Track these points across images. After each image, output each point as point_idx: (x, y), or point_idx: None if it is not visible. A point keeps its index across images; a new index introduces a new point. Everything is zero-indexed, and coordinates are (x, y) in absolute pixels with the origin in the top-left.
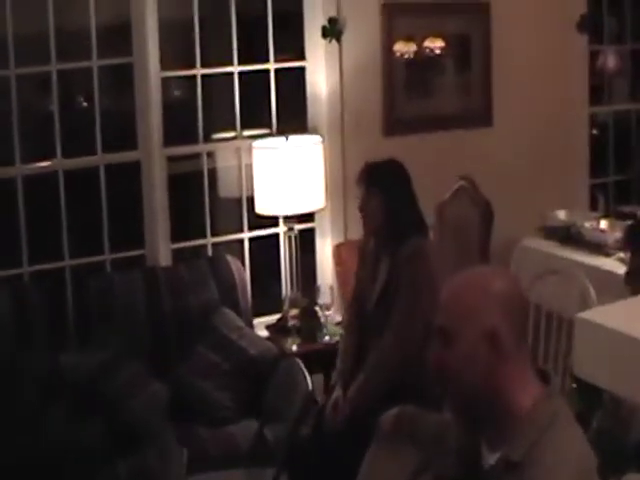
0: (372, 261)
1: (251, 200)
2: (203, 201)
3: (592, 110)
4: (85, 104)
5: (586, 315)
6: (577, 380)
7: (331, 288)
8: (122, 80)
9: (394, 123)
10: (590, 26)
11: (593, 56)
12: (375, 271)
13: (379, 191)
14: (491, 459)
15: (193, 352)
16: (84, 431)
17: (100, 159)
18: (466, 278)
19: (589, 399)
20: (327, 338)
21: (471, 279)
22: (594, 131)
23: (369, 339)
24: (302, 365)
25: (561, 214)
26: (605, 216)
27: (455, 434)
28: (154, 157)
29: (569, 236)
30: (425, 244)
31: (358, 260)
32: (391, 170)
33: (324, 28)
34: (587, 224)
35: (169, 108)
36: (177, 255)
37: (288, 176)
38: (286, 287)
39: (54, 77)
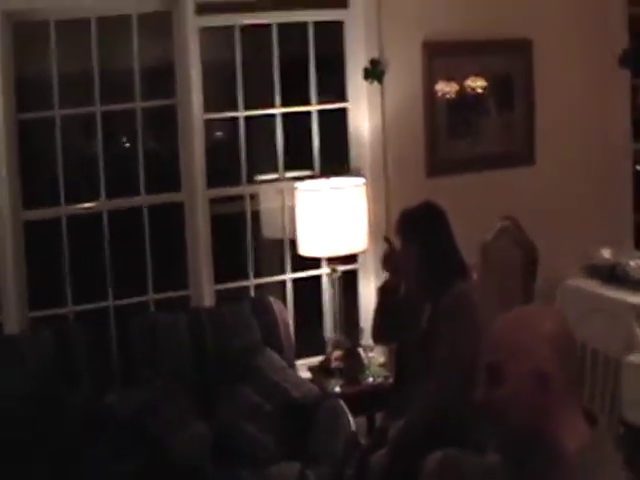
0: (412, 307)
1: (294, 242)
2: (246, 242)
3: (635, 146)
4: (129, 145)
5: (634, 359)
6: (625, 424)
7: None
8: (165, 122)
9: (437, 163)
10: (632, 61)
11: (635, 91)
12: (415, 317)
13: (416, 239)
14: None
15: (236, 393)
16: (126, 469)
17: (143, 200)
18: (515, 316)
19: (638, 443)
20: (370, 379)
21: (520, 318)
22: (637, 167)
23: (410, 381)
24: (345, 406)
25: (605, 252)
26: None
27: (500, 477)
28: (197, 199)
29: (614, 274)
30: (467, 291)
31: (382, 296)
32: (427, 216)
33: (366, 70)
34: (632, 262)
35: (212, 150)
36: (220, 296)
37: (331, 217)
38: (329, 328)
39: (98, 118)
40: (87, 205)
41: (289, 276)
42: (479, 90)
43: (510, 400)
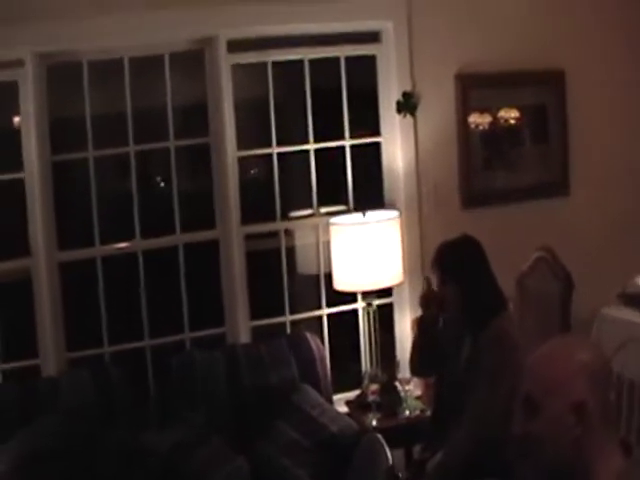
0: (451, 340)
1: (329, 276)
2: (281, 278)
3: None
4: (163, 184)
5: None
6: None
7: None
8: (200, 160)
9: (471, 195)
10: None
11: None
12: (454, 352)
13: (454, 275)
14: None
15: (274, 429)
16: None
17: (179, 239)
18: (552, 348)
19: None
20: (407, 412)
21: (557, 349)
22: None
23: (448, 415)
24: (383, 440)
25: None
26: None
27: None
28: (232, 235)
29: None
30: (506, 324)
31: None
32: (466, 250)
33: (398, 103)
34: None
35: (246, 187)
36: (256, 333)
37: (366, 251)
38: (365, 362)
39: (132, 158)
40: (122, 245)
41: (325, 311)
42: (512, 121)
43: (547, 432)
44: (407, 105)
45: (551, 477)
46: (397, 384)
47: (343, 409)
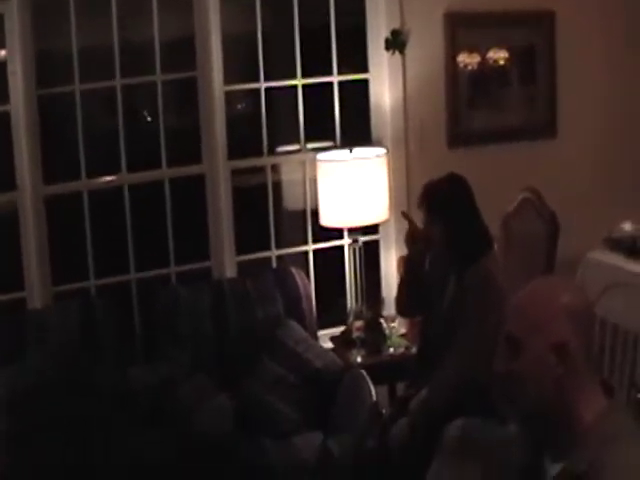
0: (437, 279)
1: (315, 212)
2: (267, 214)
3: None
4: (149, 119)
5: None
6: None
7: (395, 299)
8: (186, 94)
9: (458, 135)
10: None
11: None
12: (440, 291)
13: (441, 214)
14: (553, 471)
15: (259, 365)
16: (149, 443)
17: (165, 173)
18: (535, 289)
19: None
20: (391, 350)
21: (540, 290)
22: None
23: (433, 353)
24: (367, 377)
25: (627, 226)
26: None
27: (519, 446)
28: (219, 170)
29: (635, 248)
30: (491, 265)
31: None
32: (452, 189)
33: (387, 40)
34: None
35: (233, 122)
36: (242, 268)
37: (352, 188)
38: (351, 299)
39: (119, 92)
40: (108, 179)
41: (311, 247)
42: (501, 62)
43: (529, 371)
44: (396, 43)
45: (532, 417)
46: (382, 321)
47: (328, 345)
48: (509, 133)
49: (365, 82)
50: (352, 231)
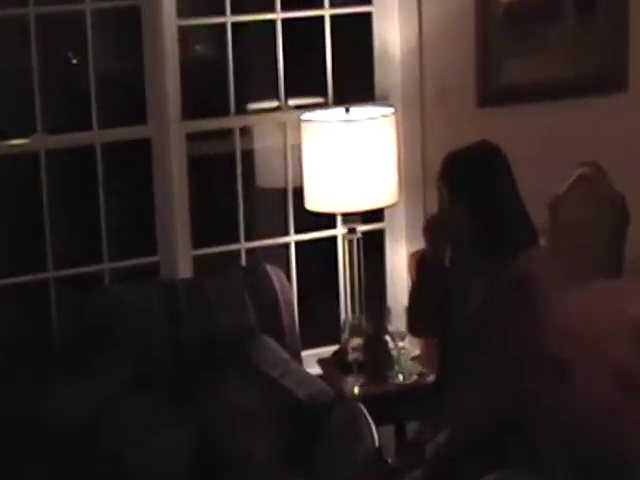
0: (458, 285)
1: (299, 192)
2: (235, 193)
3: None
4: (75, 61)
5: None
6: None
7: (405, 310)
8: (126, 30)
9: (492, 90)
10: None
11: None
12: (463, 299)
13: (468, 195)
14: None
15: (221, 392)
16: None
17: (96, 136)
18: (595, 297)
19: None
20: (400, 377)
21: (601, 299)
22: None
23: (457, 381)
24: (366, 413)
25: None
26: None
27: None
28: (169, 134)
29: None
30: (533, 265)
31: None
32: (483, 162)
33: None
34: None
35: (189, 69)
36: (200, 265)
37: (349, 160)
38: (346, 308)
39: (32, 23)
40: (18, 142)
41: (293, 238)
42: None
43: (581, 406)
44: None
45: (584, 466)
46: (387, 339)
47: (314, 370)
48: (561, 87)
49: (367, 17)
50: (348, 218)
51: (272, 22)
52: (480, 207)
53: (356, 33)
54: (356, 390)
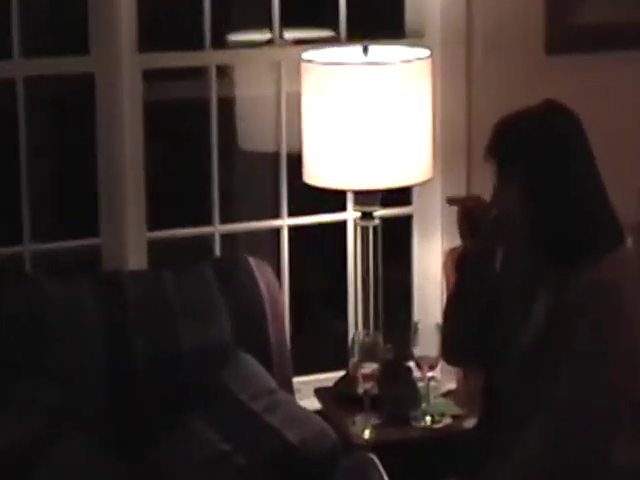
0: (513, 296)
1: (296, 159)
2: (209, 155)
3: None
4: None
5: None
6: None
7: (438, 328)
8: None
9: (565, 32)
10: None
11: None
12: (520, 314)
13: (528, 175)
14: None
15: (181, 429)
16: None
17: (17, 69)
18: None
19: None
20: (428, 419)
21: None
22: None
23: (509, 424)
24: (380, 466)
25: None
26: None
27: None
28: (120, 69)
29: None
30: (617, 272)
31: (457, 282)
32: (549, 133)
33: None
34: None
35: None
36: (158, 253)
37: (366, 119)
38: (355, 321)
39: None
40: None
41: (286, 222)
42: None
43: None
44: None
45: None
46: (412, 365)
47: (311, 403)
48: None
49: None
50: (363, 198)
51: None
52: (543, 192)
53: None
54: (367, 434)
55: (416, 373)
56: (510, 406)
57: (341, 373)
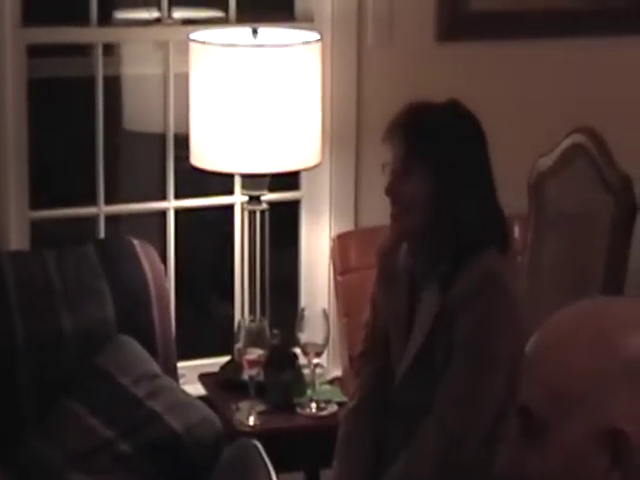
0: (406, 288)
1: (183, 141)
2: (94, 136)
3: None
4: None
5: None
6: None
7: (324, 314)
8: None
9: (458, 17)
10: None
11: None
12: (412, 307)
13: (428, 164)
14: None
15: (61, 415)
16: None
17: None
18: (578, 319)
19: None
20: (313, 406)
21: (587, 322)
22: None
23: (396, 423)
24: (264, 454)
25: None
26: None
27: None
28: (4, 44)
29: None
30: (501, 265)
31: (377, 278)
32: (452, 125)
33: None
34: None
35: None
36: (40, 233)
37: (254, 102)
38: (242, 305)
39: None
40: None
41: (172, 204)
42: None
43: (559, 469)
44: None
45: None
46: (298, 351)
47: (195, 389)
48: (553, 19)
49: None
50: (250, 182)
51: None
52: (439, 188)
53: None
54: (252, 421)
55: (302, 360)
56: (402, 395)
57: (226, 359)
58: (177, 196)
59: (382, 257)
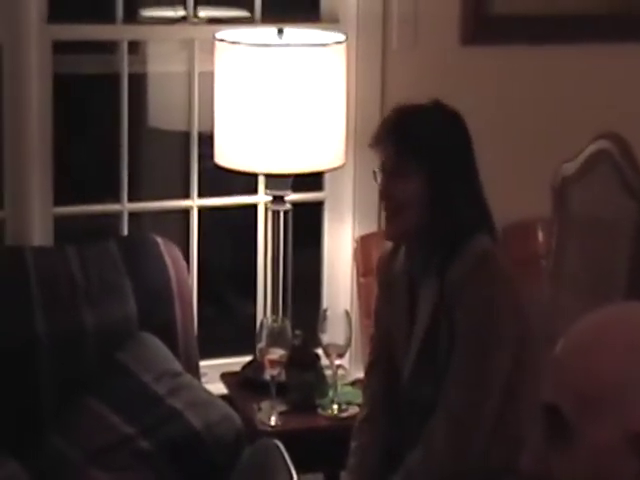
0: (406, 289)
1: (207, 140)
2: (119, 131)
3: None
4: None
5: None
6: None
7: (347, 315)
8: None
9: (483, 21)
10: None
11: None
12: (412, 306)
13: (421, 163)
14: None
15: (81, 411)
16: None
17: None
18: (606, 324)
19: None
20: (335, 407)
21: (615, 327)
22: None
23: (409, 419)
24: (285, 454)
25: None
26: None
27: None
28: (30, 40)
29: None
30: (496, 246)
31: (378, 287)
32: (441, 124)
33: None
34: None
35: None
36: (63, 229)
37: (279, 102)
38: (264, 306)
39: None
40: None
41: (196, 202)
42: None
43: (587, 472)
44: None
45: None
46: (320, 353)
47: (217, 387)
48: (577, 25)
49: None
50: (274, 182)
51: None
52: (432, 187)
53: None
54: (273, 421)
55: (324, 361)
56: (410, 393)
57: (248, 358)
58: (200, 194)
59: (381, 266)
